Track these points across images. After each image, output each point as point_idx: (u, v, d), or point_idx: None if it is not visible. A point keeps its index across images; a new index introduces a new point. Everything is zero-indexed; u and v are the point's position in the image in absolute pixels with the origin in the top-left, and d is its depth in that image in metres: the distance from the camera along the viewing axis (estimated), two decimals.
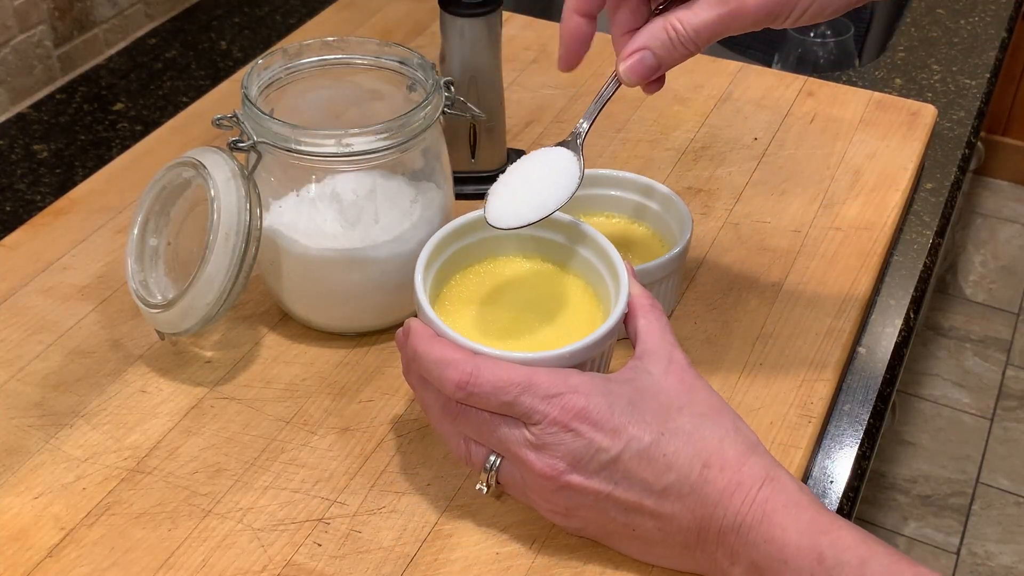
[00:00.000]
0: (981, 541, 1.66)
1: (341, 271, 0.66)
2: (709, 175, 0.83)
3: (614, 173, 0.72)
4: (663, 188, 0.71)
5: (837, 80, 0.95)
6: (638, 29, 0.58)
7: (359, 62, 0.70)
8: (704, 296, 0.72)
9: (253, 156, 0.64)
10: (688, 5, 0.56)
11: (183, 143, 0.85)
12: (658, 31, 0.57)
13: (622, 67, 0.58)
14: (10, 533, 0.58)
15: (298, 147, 0.62)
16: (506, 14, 0.98)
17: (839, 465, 0.65)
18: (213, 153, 0.64)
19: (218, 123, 0.65)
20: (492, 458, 0.55)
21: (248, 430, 0.63)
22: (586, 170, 0.63)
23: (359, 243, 0.65)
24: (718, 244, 0.76)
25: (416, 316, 0.58)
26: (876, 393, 0.70)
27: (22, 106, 0.93)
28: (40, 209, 0.81)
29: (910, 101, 0.90)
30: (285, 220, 0.66)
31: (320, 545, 0.57)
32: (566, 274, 0.63)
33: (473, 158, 0.79)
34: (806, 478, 0.64)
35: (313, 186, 0.65)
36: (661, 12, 0.57)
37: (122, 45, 1.01)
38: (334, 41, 0.69)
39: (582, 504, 0.54)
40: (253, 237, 0.63)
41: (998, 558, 1.64)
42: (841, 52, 1.19)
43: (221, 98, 0.91)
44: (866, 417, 0.68)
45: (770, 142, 0.86)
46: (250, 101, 0.64)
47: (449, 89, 0.67)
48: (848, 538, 0.50)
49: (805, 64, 1.19)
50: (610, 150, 0.85)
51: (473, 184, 0.79)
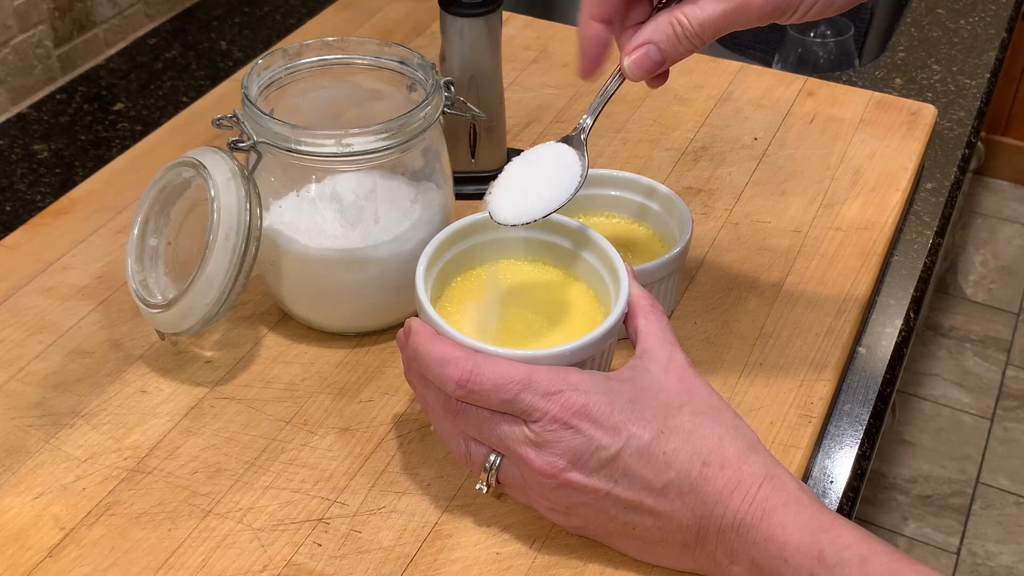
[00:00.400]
0: (981, 541, 1.66)
1: (341, 271, 0.66)
2: (709, 175, 0.83)
3: (615, 173, 0.72)
4: (664, 189, 0.70)
5: (837, 80, 0.95)
6: (642, 24, 0.58)
7: (359, 62, 0.70)
8: (704, 296, 0.72)
9: (253, 156, 0.64)
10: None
11: (183, 143, 0.85)
12: (663, 25, 0.56)
13: (626, 61, 0.58)
14: (10, 533, 0.58)
15: (298, 147, 0.62)
16: (506, 14, 0.98)
17: (839, 465, 0.65)
18: (213, 153, 0.64)
19: (218, 123, 0.65)
20: (492, 457, 0.55)
21: (248, 430, 0.63)
22: (588, 170, 0.62)
23: (359, 243, 0.65)
24: (718, 244, 0.76)
25: (417, 316, 0.58)
26: (876, 393, 0.70)
27: (22, 106, 0.93)
28: (40, 209, 0.81)
29: (910, 101, 0.90)
30: (285, 220, 0.66)
31: (320, 545, 0.57)
32: (567, 276, 0.63)
33: (473, 158, 0.79)
34: (806, 478, 0.64)
35: (313, 186, 0.65)
36: (665, 7, 0.57)
37: (122, 45, 1.01)
38: (334, 41, 0.69)
39: (582, 502, 0.54)
40: (253, 237, 0.63)
41: (998, 558, 1.64)
42: (841, 52, 1.19)
43: (221, 98, 0.91)
44: (866, 417, 0.68)
45: (770, 142, 0.86)
46: (250, 101, 0.64)
47: (449, 89, 0.67)
48: (849, 536, 0.50)
49: (805, 64, 1.19)
50: (610, 150, 0.85)
51: (473, 184, 0.79)
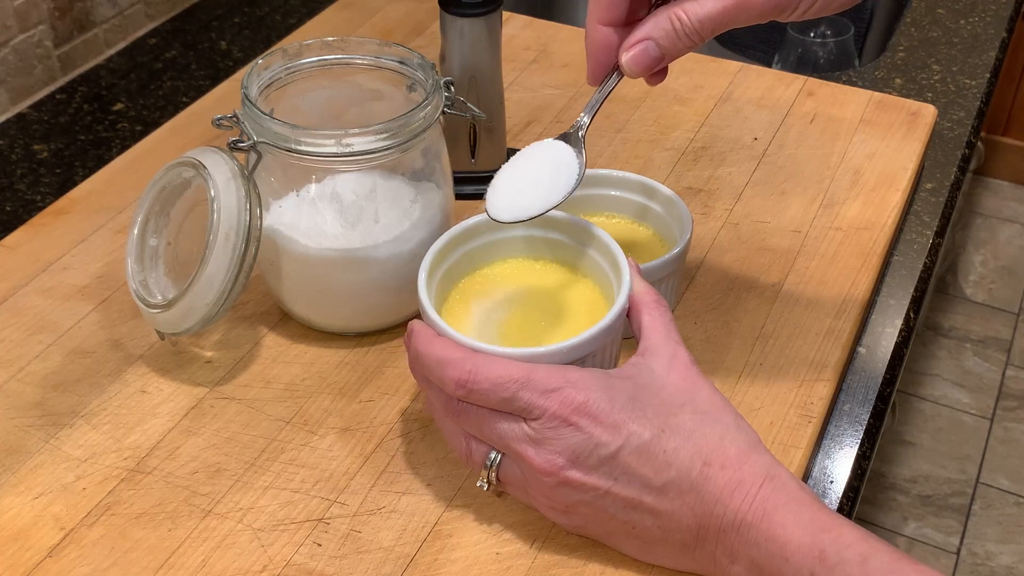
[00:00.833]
0: (981, 541, 1.66)
1: (341, 271, 0.66)
2: (709, 175, 0.83)
3: (616, 173, 0.72)
4: (665, 189, 0.70)
5: (837, 80, 0.95)
6: (640, 20, 0.57)
7: (359, 62, 0.70)
8: (704, 296, 0.72)
9: (253, 156, 0.64)
10: None
11: (183, 143, 0.85)
12: (662, 21, 0.56)
13: (625, 58, 0.57)
14: (10, 533, 0.58)
15: (298, 147, 0.62)
16: (506, 14, 0.98)
17: (839, 465, 0.65)
18: (213, 153, 0.64)
19: (218, 123, 0.65)
20: (492, 454, 0.55)
21: (248, 430, 0.63)
22: (588, 170, 0.62)
23: (359, 243, 0.65)
24: (718, 244, 0.76)
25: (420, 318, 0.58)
26: (876, 393, 0.70)
27: (22, 106, 0.93)
28: (40, 209, 0.81)
29: (910, 101, 0.90)
30: (285, 220, 0.66)
31: (320, 545, 0.57)
32: (573, 274, 0.63)
33: (473, 158, 0.79)
34: (806, 478, 0.64)
35: (313, 186, 0.65)
36: (663, 3, 0.57)
37: (122, 45, 1.01)
38: (334, 41, 0.69)
39: (581, 501, 0.54)
40: (253, 237, 0.63)
41: (998, 558, 1.64)
42: (841, 52, 1.19)
43: (221, 98, 0.91)
44: (866, 417, 0.68)
45: (770, 142, 0.86)
46: (250, 101, 0.64)
47: (449, 89, 0.67)
48: (850, 536, 0.50)
49: (805, 64, 1.19)
50: (610, 150, 0.85)
51: (473, 184, 0.79)
